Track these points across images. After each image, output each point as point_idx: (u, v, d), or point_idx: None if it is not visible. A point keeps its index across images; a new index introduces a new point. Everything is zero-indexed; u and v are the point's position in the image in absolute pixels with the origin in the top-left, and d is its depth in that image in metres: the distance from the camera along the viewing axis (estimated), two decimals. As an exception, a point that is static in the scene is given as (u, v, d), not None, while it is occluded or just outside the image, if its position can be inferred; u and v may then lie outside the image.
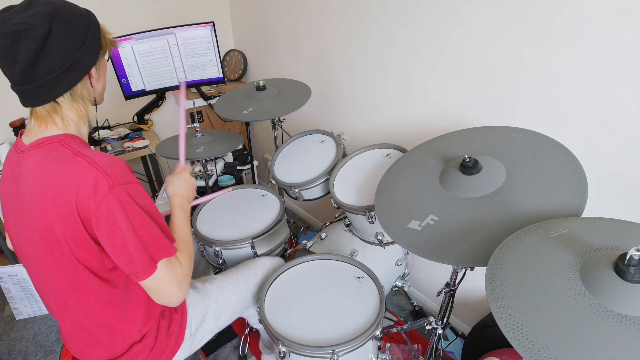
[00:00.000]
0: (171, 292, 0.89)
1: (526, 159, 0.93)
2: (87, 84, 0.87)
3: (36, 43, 0.75)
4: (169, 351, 1.05)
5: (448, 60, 1.37)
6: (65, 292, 0.88)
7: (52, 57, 0.78)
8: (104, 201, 0.78)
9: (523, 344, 0.58)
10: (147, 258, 0.83)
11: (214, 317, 1.17)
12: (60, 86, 0.82)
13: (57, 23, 0.77)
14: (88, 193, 0.77)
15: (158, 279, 0.86)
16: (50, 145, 0.83)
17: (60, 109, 0.84)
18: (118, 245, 0.81)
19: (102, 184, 0.78)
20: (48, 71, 0.78)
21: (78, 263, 0.83)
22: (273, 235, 1.52)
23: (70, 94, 0.84)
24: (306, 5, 1.88)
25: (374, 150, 1.48)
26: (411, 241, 0.88)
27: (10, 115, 1.99)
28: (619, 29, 0.96)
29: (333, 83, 1.92)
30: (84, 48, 0.82)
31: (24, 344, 1.85)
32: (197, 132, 1.73)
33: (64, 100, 0.84)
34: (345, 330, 1.07)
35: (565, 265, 0.66)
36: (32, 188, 0.81)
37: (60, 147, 0.83)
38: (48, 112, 0.84)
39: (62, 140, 0.84)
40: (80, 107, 0.87)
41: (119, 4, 2.20)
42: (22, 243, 0.89)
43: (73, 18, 0.80)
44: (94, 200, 0.77)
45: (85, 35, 0.82)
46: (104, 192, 0.78)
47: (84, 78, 0.85)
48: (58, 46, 0.78)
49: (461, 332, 1.73)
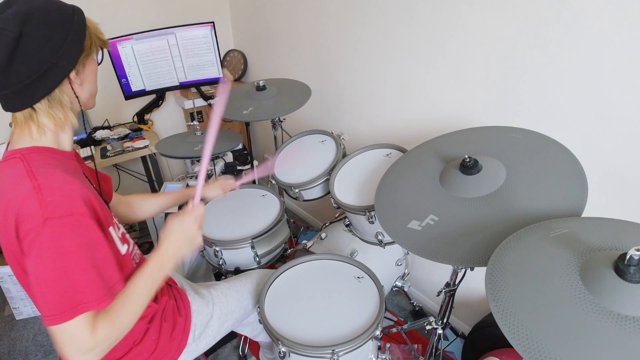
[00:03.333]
0: (71, 353, 0.74)
1: (526, 159, 0.93)
2: (68, 90, 0.81)
3: (7, 47, 0.71)
4: (172, 354, 1.04)
5: (448, 60, 1.37)
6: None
7: (26, 61, 0.74)
8: (32, 231, 0.71)
9: (523, 344, 0.58)
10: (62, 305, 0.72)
11: (218, 323, 1.16)
12: (36, 92, 0.77)
13: (31, 26, 0.73)
14: (23, 220, 0.72)
15: (60, 333, 0.73)
16: (12, 161, 0.79)
17: (36, 115, 0.79)
18: (33, 277, 0.72)
19: (36, 214, 0.71)
20: (23, 76, 0.74)
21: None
22: (273, 235, 1.52)
23: (48, 99, 0.79)
24: (306, 5, 1.88)
25: (374, 150, 1.48)
26: (411, 241, 0.88)
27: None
28: (619, 29, 0.96)
29: (333, 83, 1.92)
30: (62, 51, 0.76)
31: (24, 344, 1.85)
32: (196, 130, 1.73)
33: (40, 106, 0.79)
34: (345, 330, 1.07)
35: (565, 265, 0.66)
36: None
37: (19, 164, 0.78)
38: (25, 118, 0.80)
39: (25, 155, 0.79)
40: (58, 114, 0.81)
41: (119, 4, 2.20)
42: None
43: (50, 19, 0.75)
44: (25, 227, 0.72)
45: (63, 38, 0.77)
46: (35, 223, 0.71)
47: (64, 83, 0.80)
48: (32, 50, 0.73)
49: (461, 332, 1.73)
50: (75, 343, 0.74)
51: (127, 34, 2.06)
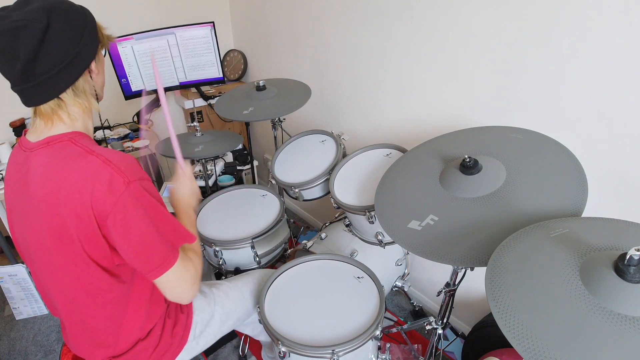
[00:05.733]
0: (184, 288, 0.90)
1: (526, 159, 0.93)
2: (88, 79, 0.86)
3: (36, 38, 0.74)
4: (172, 351, 1.05)
5: (448, 60, 1.37)
6: (74, 290, 0.88)
7: (53, 52, 0.77)
8: (121, 198, 0.77)
9: (523, 344, 0.58)
10: (167, 247, 0.84)
11: (219, 322, 1.17)
12: (62, 82, 0.81)
13: (56, 17, 0.77)
14: (104, 191, 0.77)
15: (172, 275, 0.87)
16: (61, 144, 0.83)
17: (65, 105, 0.83)
18: (135, 241, 0.80)
19: (117, 182, 0.77)
20: (49, 67, 0.78)
21: (90, 260, 0.83)
22: (273, 235, 1.52)
23: (73, 89, 0.83)
24: (306, 5, 1.88)
25: (374, 150, 1.48)
26: (411, 241, 0.88)
27: (10, 115, 1.99)
28: (619, 29, 0.96)
29: (333, 83, 1.92)
30: (83, 42, 0.81)
31: (24, 344, 1.85)
32: (197, 131, 1.73)
33: (67, 96, 0.83)
34: (345, 330, 1.07)
35: (565, 265, 0.66)
36: (41, 186, 0.81)
37: (71, 145, 0.82)
38: (53, 109, 0.83)
39: (73, 138, 0.83)
40: (84, 102, 0.86)
41: (119, 4, 2.20)
42: (28, 242, 0.88)
43: (70, 13, 0.80)
44: (110, 199, 0.77)
45: (83, 29, 0.82)
46: (121, 189, 0.77)
47: (85, 72, 0.85)
48: (57, 41, 0.77)
49: (461, 332, 1.73)
50: (186, 277, 0.89)
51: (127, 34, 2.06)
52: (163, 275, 0.85)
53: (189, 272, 0.91)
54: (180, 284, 0.89)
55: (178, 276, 0.88)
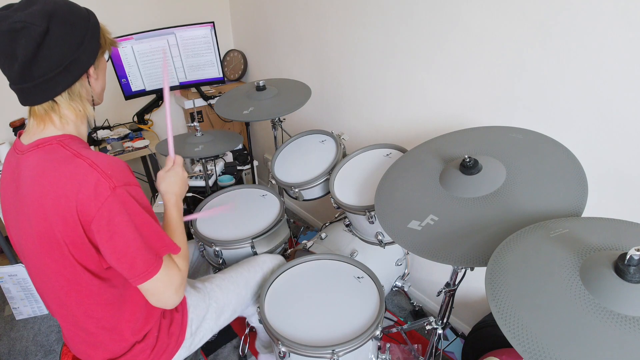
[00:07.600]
0: (168, 295, 0.90)
1: (526, 159, 0.93)
2: (86, 84, 0.87)
3: (34, 41, 0.75)
4: (170, 350, 1.05)
5: (448, 60, 1.37)
6: (65, 293, 0.88)
7: (51, 55, 0.77)
8: (105, 203, 0.77)
9: (523, 344, 0.58)
10: (150, 256, 0.84)
11: (215, 317, 1.17)
12: (58, 85, 0.81)
13: (56, 22, 0.77)
14: (89, 195, 0.77)
15: (156, 282, 0.86)
16: (50, 147, 0.83)
17: (58, 107, 0.84)
18: (119, 247, 0.80)
19: (103, 186, 0.77)
20: (46, 70, 0.78)
21: (77, 264, 0.83)
22: (273, 235, 1.52)
23: (69, 93, 0.84)
24: (306, 5, 1.88)
25: (374, 150, 1.48)
26: (411, 241, 0.88)
27: (10, 115, 1.99)
28: (619, 29, 0.96)
29: (333, 83, 1.92)
30: (83, 47, 0.82)
31: (24, 344, 1.85)
32: (197, 131, 1.73)
33: (62, 99, 0.83)
34: (345, 330, 1.07)
35: (565, 265, 0.66)
36: (31, 189, 0.81)
37: (59, 148, 0.82)
38: (46, 111, 0.83)
39: (62, 141, 0.83)
40: (78, 107, 0.86)
41: (119, 4, 2.20)
42: (22, 244, 0.89)
43: (72, 17, 0.80)
44: (95, 203, 0.77)
45: (84, 35, 0.82)
46: (106, 194, 0.77)
47: (83, 77, 0.85)
48: (56, 45, 0.77)
49: (461, 332, 1.73)
50: (171, 283, 0.89)
51: (127, 34, 2.06)
52: (146, 282, 0.85)
53: (174, 279, 0.90)
54: (164, 291, 0.89)
55: (162, 283, 0.88)
